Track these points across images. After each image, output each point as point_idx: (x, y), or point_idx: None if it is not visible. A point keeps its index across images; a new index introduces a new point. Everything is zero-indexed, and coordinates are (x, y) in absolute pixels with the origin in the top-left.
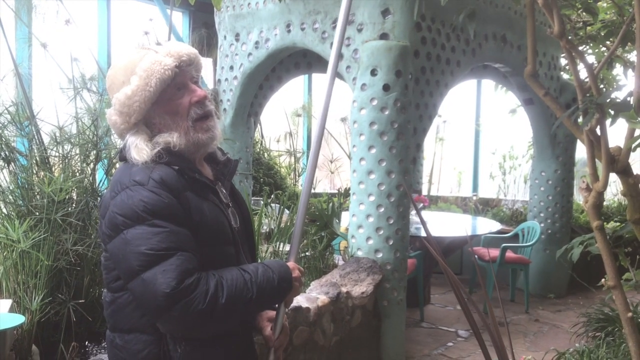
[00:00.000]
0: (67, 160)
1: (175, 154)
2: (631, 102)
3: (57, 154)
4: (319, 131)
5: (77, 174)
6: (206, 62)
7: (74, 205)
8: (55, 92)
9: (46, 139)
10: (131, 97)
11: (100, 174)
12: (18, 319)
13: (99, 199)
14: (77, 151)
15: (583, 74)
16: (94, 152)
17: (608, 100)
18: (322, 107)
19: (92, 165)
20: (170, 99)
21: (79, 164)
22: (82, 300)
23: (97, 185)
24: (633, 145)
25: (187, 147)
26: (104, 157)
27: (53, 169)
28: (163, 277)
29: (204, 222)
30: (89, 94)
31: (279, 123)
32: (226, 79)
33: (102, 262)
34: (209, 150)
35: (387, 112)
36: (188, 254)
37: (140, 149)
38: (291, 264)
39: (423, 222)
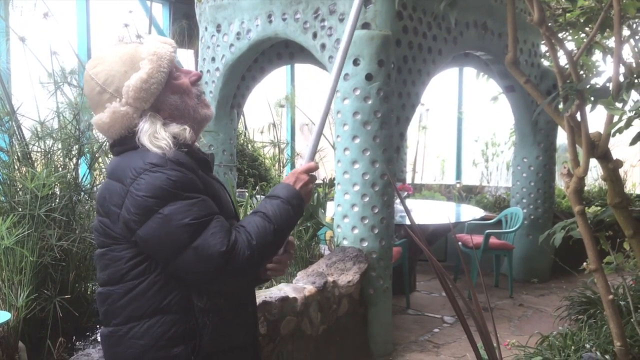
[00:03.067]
0: (49, 156)
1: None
2: (610, 88)
3: (39, 149)
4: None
5: (60, 169)
6: (187, 54)
7: (57, 200)
8: (35, 86)
9: (27, 134)
10: (147, 80)
11: (83, 169)
12: (4, 316)
13: (82, 193)
14: (59, 146)
15: (563, 60)
16: (77, 146)
17: (588, 86)
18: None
19: (74, 160)
20: (175, 79)
21: (61, 159)
22: (68, 296)
23: (80, 180)
24: (612, 131)
25: (195, 129)
26: (87, 151)
27: (35, 164)
28: (214, 240)
29: (216, 195)
30: (69, 87)
31: (262, 114)
32: (208, 71)
33: (112, 255)
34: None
35: (370, 102)
36: (221, 216)
37: (159, 139)
38: (295, 174)
39: (407, 211)
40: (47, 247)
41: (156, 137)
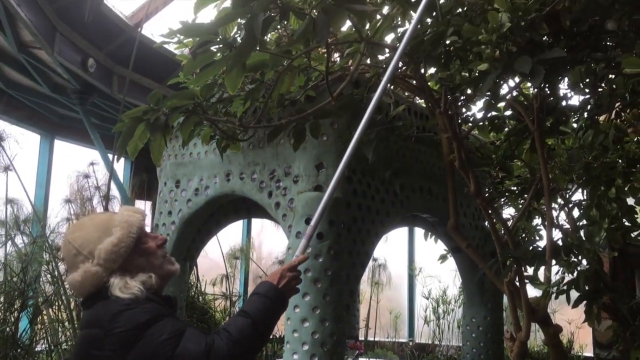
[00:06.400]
0: None
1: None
2: (544, 255)
3: None
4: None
5: None
6: (145, 205)
7: None
8: None
9: None
10: (118, 244)
11: (24, 323)
12: None
13: (19, 350)
14: (2, 299)
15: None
16: (20, 300)
17: (531, 248)
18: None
19: (16, 313)
20: (143, 243)
21: (1, 312)
22: None
23: (19, 335)
24: (551, 295)
25: (160, 282)
26: (31, 304)
27: None
28: (192, 344)
29: None
30: (21, 236)
31: (215, 265)
32: (164, 224)
33: None
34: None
35: (320, 260)
36: (191, 327)
37: (130, 287)
38: (279, 271)
39: None
40: None
41: (127, 287)
